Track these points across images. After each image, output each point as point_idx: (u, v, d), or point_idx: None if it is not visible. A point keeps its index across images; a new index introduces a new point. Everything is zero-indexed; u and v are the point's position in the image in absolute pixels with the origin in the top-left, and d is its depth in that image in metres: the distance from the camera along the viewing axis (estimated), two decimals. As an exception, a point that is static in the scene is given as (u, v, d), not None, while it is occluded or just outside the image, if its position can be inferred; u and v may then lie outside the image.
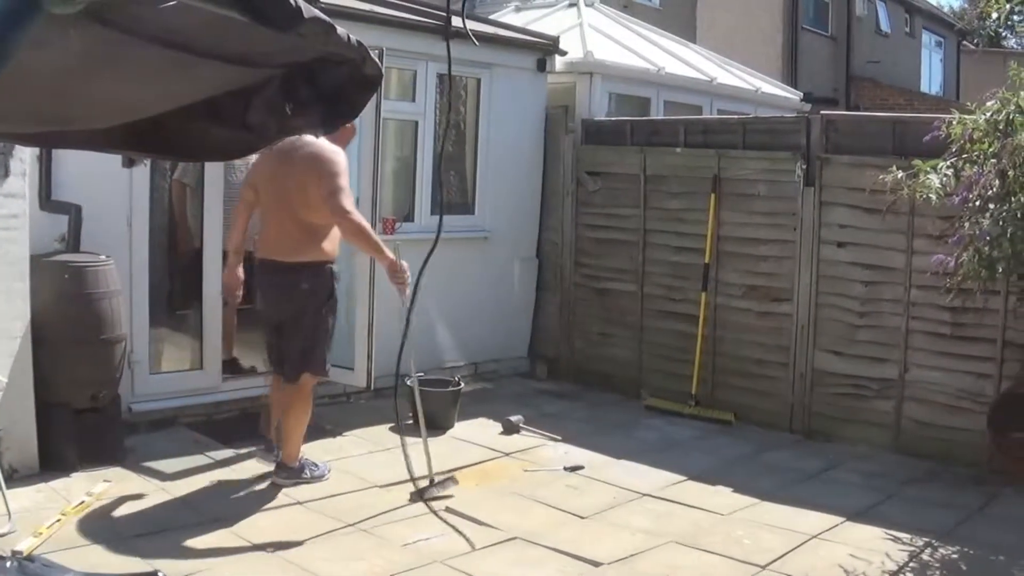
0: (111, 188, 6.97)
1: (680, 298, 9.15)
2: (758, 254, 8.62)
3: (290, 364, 6.48)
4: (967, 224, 5.91)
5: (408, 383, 7.14)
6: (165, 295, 8.15)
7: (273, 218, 6.45)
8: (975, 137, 5.88)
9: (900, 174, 6.21)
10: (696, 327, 8.90)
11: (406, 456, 6.23)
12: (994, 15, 6.92)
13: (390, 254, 6.23)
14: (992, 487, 6.90)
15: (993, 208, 5.74)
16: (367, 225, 6.32)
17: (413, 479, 6.36)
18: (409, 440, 6.67)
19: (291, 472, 6.53)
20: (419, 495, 6.37)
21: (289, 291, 6.32)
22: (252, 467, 6.83)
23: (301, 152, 6.14)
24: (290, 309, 6.40)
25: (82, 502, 5.89)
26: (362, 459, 7.19)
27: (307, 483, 6.53)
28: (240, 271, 6.64)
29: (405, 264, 6.31)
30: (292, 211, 6.26)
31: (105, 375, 6.64)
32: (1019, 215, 5.65)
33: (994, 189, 5.77)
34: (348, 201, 6.16)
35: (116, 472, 6.48)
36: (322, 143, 6.10)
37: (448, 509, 6.16)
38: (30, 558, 4.55)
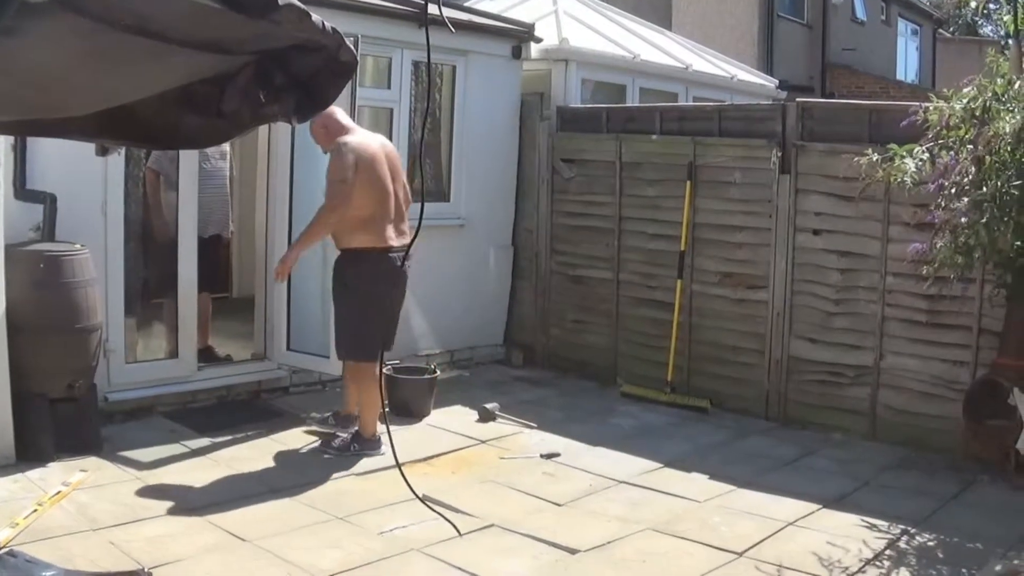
0: (85, 177, 6.93)
1: (656, 285, 9.15)
2: (734, 241, 8.63)
3: (392, 339, 7.02)
4: (942, 210, 5.94)
5: (386, 371, 7.14)
6: (140, 284, 8.11)
7: (397, 210, 6.87)
8: (951, 123, 5.90)
9: (875, 157, 6.22)
10: (672, 314, 8.91)
11: (391, 442, 6.20)
12: (972, 3, 6.95)
13: None
14: (967, 474, 6.93)
15: (969, 192, 5.76)
16: None
17: (398, 464, 6.34)
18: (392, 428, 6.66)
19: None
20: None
21: (404, 274, 6.93)
22: (228, 455, 6.82)
23: (387, 148, 6.93)
24: (404, 289, 7.09)
25: (59, 492, 5.86)
26: (339, 447, 7.17)
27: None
28: None
29: None
30: (400, 202, 6.89)
31: (81, 364, 6.61)
32: (995, 201, 5.67)
33: (970, 176, 5.79)
34: None
35: (92, 462, 6.45)
36: None
37: (425, 496, 6.15)
38: (12, 553, 4.54)
